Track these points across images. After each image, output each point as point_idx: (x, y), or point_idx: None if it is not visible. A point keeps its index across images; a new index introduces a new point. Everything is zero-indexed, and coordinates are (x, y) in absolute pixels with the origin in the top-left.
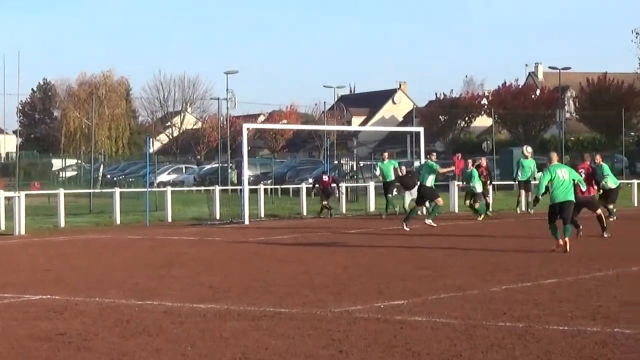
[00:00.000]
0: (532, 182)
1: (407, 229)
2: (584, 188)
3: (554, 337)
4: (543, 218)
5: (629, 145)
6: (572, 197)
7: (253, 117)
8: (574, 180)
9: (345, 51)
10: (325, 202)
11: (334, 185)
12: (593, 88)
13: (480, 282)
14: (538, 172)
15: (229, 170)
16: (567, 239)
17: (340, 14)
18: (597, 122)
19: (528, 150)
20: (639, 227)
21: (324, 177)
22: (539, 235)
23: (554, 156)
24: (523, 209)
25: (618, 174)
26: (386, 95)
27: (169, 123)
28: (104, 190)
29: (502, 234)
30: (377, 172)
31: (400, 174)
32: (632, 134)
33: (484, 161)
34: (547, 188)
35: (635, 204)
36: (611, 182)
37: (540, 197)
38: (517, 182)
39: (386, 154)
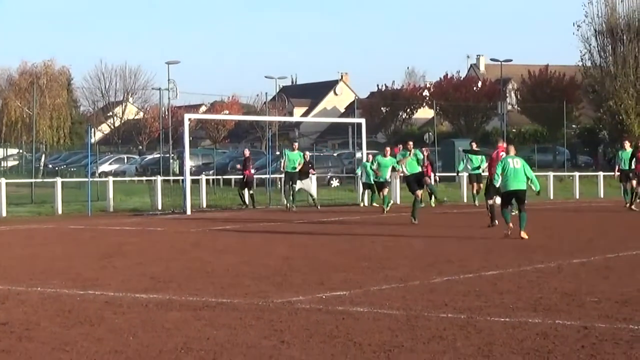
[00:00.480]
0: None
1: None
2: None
3: (495, 328)
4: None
5: (570, 138)
6: (524, 187)
7: (195, 108)
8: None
9: (286, 42)
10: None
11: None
12: (535, 80)
13: (422, 273)
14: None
15: (171, 161)
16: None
17: (282, 4)
18: (539, 114)
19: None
20: (580, 219)
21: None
22: (480, 227)
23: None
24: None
25: (560, 166)
26: (328, 86)
27: (111, 113)
28: (45, 180)
29: (444, 225)
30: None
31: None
32: (574, 126)
33: (425, 151)
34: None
35: (577, 196)
36: None
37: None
38: (467, 175)
39: (296, 144)
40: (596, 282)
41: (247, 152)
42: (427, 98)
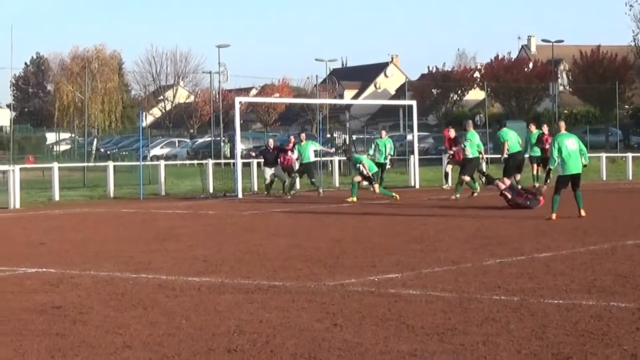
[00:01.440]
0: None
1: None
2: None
3: (548, 310)
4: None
5: (623, 119)
6: (581, 169)
7: (245, 91)
8: None
9: (337, 24)
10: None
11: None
12: (586, 61)
13: (474, 255)
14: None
15: (222, 144)
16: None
17: None
18: (591, 95)
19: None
20: (633, 200)
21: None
22: (536, 210)
23: (562, 125)
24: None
25: (612, 147)
26: (378, 69)
27: (162, 97)
28: (97, 164)
29: (495, 206)
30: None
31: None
32: (626, 107)
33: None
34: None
35: (630, 177)
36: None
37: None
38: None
39: (303, 135)
40: None
41: (271, 143)
42: (478, 80)
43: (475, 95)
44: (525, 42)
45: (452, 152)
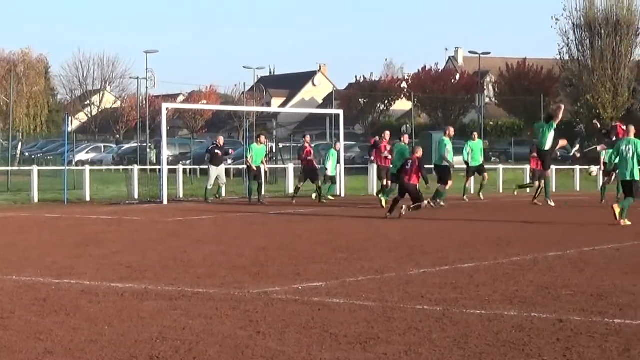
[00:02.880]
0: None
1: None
2: None
3: (471, 320)
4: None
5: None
6: (629, 177)
7: (172, 97)
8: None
9: (265, 32)
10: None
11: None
12: (512, 73)
13: (398, 265)
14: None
15: (148, 150)
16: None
17: None
18: (516, 107)
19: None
20: (556, 211)
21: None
22: (458, 220)
23: (631, 129)
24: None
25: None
26: (306, 77)
27: (88, 102)
28: (22, 168)
29: (422, 217)
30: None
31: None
32: None
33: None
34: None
35: (554, 189)
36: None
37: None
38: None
39: (262, 137)
40: (572, 275)
41: (220, 140)
42: (405, 90)
43: (402, 105)
44: (453, 54)
45: (372, 158)
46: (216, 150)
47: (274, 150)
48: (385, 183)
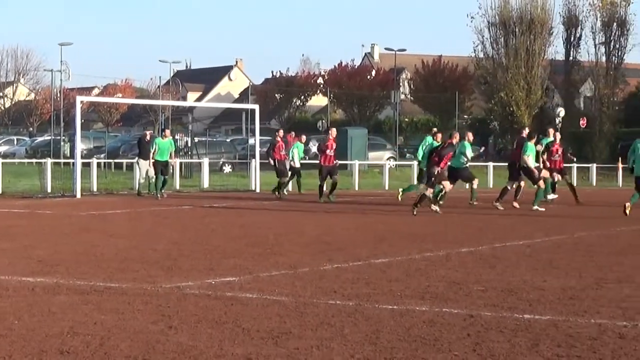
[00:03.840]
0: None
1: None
2: None
3: (382, 315)
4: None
5: (461, 128)
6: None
7: (87, 90)
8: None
9: (182, 26)
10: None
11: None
12: (428, 70)
13: (312, 260)
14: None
15: (62, 143)
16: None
17: None
18: (432, 104)
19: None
20: (468, 208)
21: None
22: (373, 216)
23: None
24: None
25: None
26: (222, 72)
27: (1, 94)
28: None
29: (338, 213)
30: None
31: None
32: (465, 116)
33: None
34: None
35: (467, 186)
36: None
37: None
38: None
39: (167, 131)
40: (483, 271)
41: (148, 134)
42: (321, 86)
43: (318, 101)
44: (369, 50)
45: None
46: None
47: (190, 145)
48: (327, 181)
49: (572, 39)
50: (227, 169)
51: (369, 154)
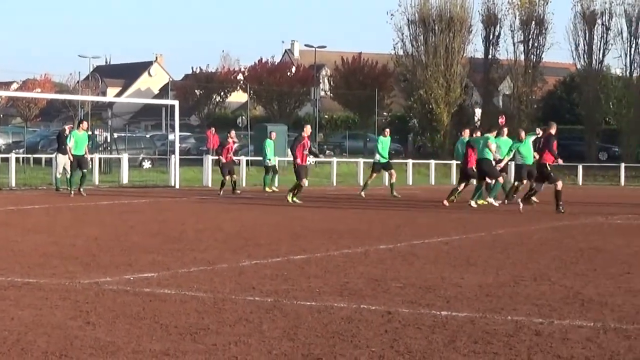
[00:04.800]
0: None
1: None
2: None
3: (301, 312)
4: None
5: (381, 125)
6: None
7: (6, 85)
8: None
9: (101, 21)
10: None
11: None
12: (348, 67)
13: (231, 256)
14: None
15: None
16: None
17: None
18: (351, 101)
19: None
20: (388, 205)
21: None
22: (293, 212)
23: None
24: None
25: (370, 153)
26: (142, 67)
27: None
28: None
29: (258, 210)
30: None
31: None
32: (385, 114)
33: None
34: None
35: (386, 183)
36: None
37: None
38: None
39: (84, 124)
40: (401, 268)
41: (67, 129)
42: (241, 82)
43: (238, 97)
44: (289, 47)
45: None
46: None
47: (109, 140)
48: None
49: (491, 37)
50: (147, 164)
51: (289, 150)
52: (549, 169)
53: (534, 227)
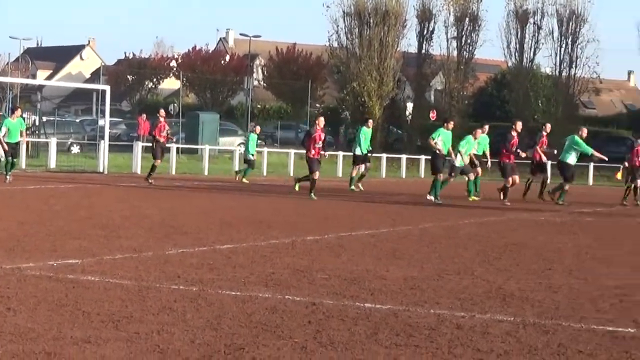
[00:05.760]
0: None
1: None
2: None
3: (225, 301)
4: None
5: (313, 117)
6: None
7: None
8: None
9: (33, 2)
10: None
11: None
12: (282, 57)
13: (157, 244)
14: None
15: None
16: None
17: None
18: (285, 91)
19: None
20: (319, 197)
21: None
22: (221, 201)
23: None
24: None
25: (301, 144)
26: (74, 51)
27: None
28: None
29: (187, 198)
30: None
31: None
32: (318, 105)
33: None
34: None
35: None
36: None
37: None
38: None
39: (18, 111)
40: (328, 259)
41: None
42: (175, 69)
43: (171, 84)
44: (224, 35)
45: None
46: None
47: (37, 124)
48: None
49: (425, 32)
50: (75, 149)
51: (220, 139)
52: (502, 165)
53: (461, 221)
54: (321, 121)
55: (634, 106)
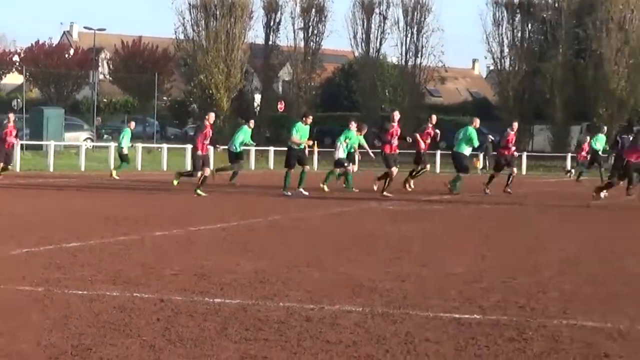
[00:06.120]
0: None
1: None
2: None
3: (72, 301)
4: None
5: (160, 110)
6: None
7: None
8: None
9: None
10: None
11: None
12: (128, 51)
13: (0, 245)
14: None
15: None
16: None
17: None
18: (131, 85)
19: None
20: (166, 191)
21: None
22: (70, 196)
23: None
24: None
25: (149, 138)
26: None
27: None
28: None
29: (32, 197)
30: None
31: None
32: (165, 98)
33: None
34: None
35: (165, 168)
36: None
37: None
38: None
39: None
40: (177, 255)
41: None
42: (17, 64)
43: (14, 79)
44: (68, 29)
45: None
46: None
47: None
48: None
49: (272, 23)
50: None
51: (65, 134)
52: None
53: (312, 213)
54: (211, 117)
55: (479, 94)
